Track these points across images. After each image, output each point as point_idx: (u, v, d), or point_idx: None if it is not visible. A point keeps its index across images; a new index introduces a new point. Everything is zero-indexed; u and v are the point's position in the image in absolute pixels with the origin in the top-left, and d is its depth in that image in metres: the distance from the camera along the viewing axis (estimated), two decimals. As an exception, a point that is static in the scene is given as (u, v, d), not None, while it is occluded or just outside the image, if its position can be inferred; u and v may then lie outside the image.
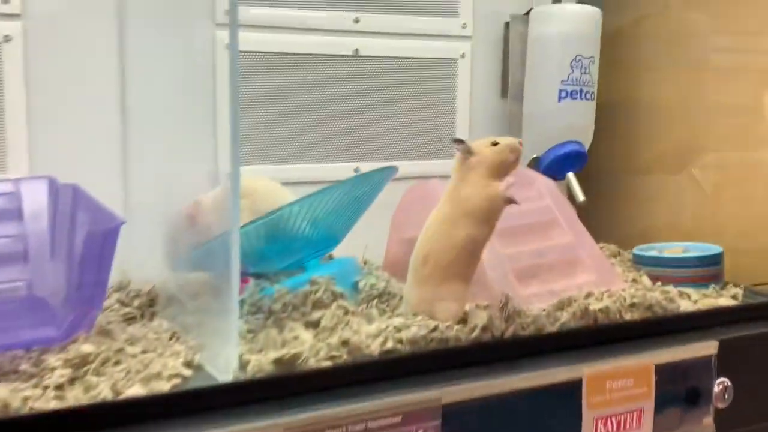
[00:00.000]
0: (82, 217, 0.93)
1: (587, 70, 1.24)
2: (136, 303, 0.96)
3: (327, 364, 0.79)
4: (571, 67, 1.23)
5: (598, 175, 1.45)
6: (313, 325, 0.87)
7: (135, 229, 1.07)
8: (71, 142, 1.06)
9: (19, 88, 1.02)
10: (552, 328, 0.91)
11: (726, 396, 0.95)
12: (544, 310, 0.94)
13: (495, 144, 0.90)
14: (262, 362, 0.76)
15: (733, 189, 1.29)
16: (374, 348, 0.81)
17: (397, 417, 0.75)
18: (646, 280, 1.10)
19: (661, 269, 1.12)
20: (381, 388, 0.77)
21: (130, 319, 0.93)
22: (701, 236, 1.25)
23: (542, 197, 1.08)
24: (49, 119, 1.04)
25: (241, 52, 1.16)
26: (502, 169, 0.90)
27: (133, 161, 1.08)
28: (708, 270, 1.11)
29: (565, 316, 0.93)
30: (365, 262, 1.18)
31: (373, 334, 0.83)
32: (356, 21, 1.22)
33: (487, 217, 0.89)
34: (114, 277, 1.06)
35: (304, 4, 1.19)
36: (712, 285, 1.09)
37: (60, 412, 0.66)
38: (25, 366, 0.74)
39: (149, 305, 0.97)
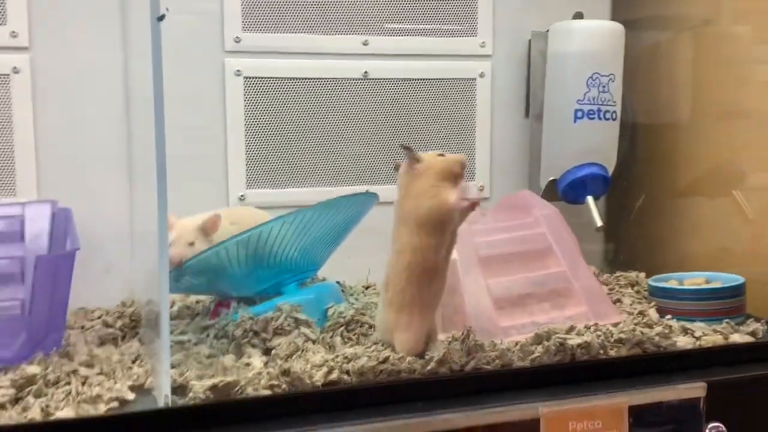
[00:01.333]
0: (69, 242, 0.97)
1: (606, 89, 1.18)
2: (119, 324, 0.99)
3: (265, 393, 0.79)
4: (588, 85, 1.17)
5: (636, 198, 1.37)
6: (271, 352, 0.87)
7: (141, 250, 1.12)
8: (79, 168, 1.11)
9: (27, 117, 1.08)
10: (520, 364, 0.87)
11: (719, 442, 0.88)
12: (516, 344, 0.90)
13: (441, 155, 0.87)
14: (197, 389, 0.77)
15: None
16: (318, 378, 0.81)
17: (325, 451, 0.74)
18: (653, 314, 1.03)
19: (673, 302, 1.05)
20: (316, 420, 0.76)
21: (112, 340, 0.96)
22: (743, 264, 1.16)
23: (538, 224, 1.04)
24: (56, 146, 1.10)
25: (250, 77, 1.18)
26: (450, 177, 0.84)
27: (139, 187, 1.11)
28: (724, 303, 1.03)
29: (538, 351, 0.88)
30: (368, 287, 1.18)
31: (318, 365, 0.82)
32: (365, 44, 1.21)
33: (438, 227, 0.83)
34: (120, 296, 1.11)
35: (312, 29, 1.19)
36: (726, 320, 1.01)
37: (-17, 432, 0.70)
38: (-22, 385, 0.78)
39: (133, 326, 1.00)
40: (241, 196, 1.19)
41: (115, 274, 1.14)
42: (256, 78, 1.18)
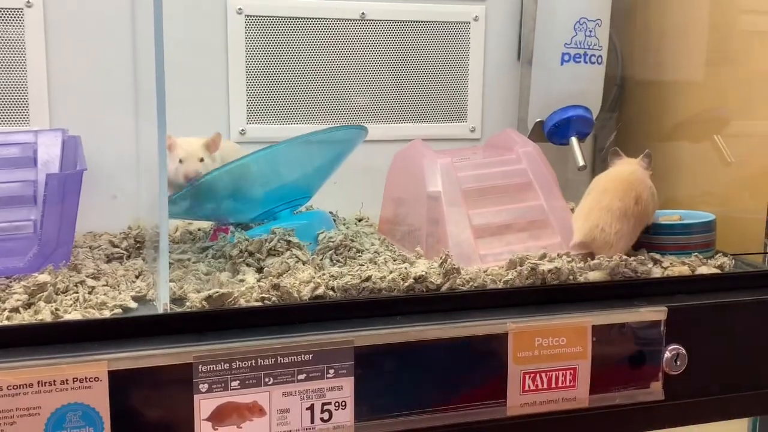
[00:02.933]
0: (78, 165, 1.04)
1: (592, 33, 1.23)
2: (124, 244, 1.07)
3: (256, 304, 0.86)
4: (575, 29, 1.22)
5: (626, 143, 1.43)
6: (263, 270, 0.94)
7: (146, 178, 1.18)
8: (89, 99, 1.17)
9: (40, 50, 1.14)
10: (493, 286, 0.94)
11: (677, 363, 0.95)
12: (485, 271, 0.96)
13: None
14: (194, 299, 0.84)
15: (760, 158, 1.24)
16: (305, 293, 0.88)
17: (308, 355, 0.82)
18: (626, 246, 1.09)
19: (646, 236, 1.11)
20: (301, 330, 0.83)
21: (118, 258, 1.04)
22: (721, 205, 1.22)
23: (519, 160, 1.10)
24: (67, 78, 1.16)
25: (250, 16, 1.23)
26: None
27: (144, 117, 1.17)
28: (693, 238, 1.09)
29: (511, 275, 0.95)
30: (360, 219, 1.24)
31: (306, 281, 0.89)
32: (363, -15, 1.26)
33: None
34: (126, 222, 1.18)
35: (310, -31, 1.24)
36: (695, 253, 1.07)
37: (1, 329, 0.77)
38: (-6, 291, 0.85)
39: (137, 247, 1.07)
40: (242, 130, 1.25)
41: (122, 200, 1.21)
42: (257, 16, 1.23)
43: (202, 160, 1.02)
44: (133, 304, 0.86)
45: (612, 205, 1.02)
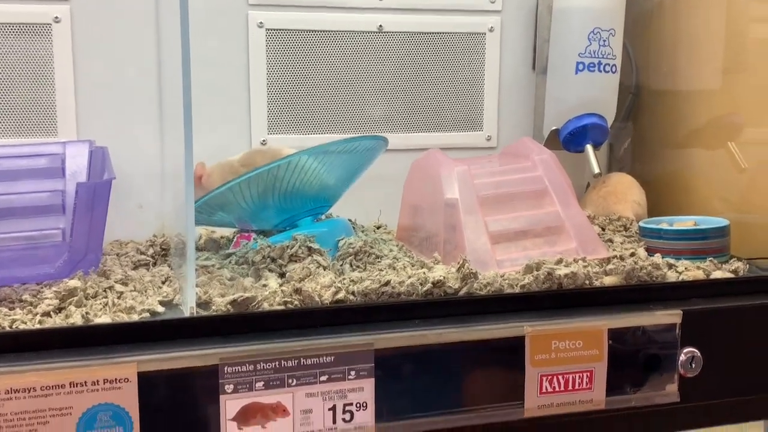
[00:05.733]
0: (106, 174, 1.07)
1: (606, 43, 1.25)
2: (150, 252, 1.10)
3: (279, 308, 0.88)
4: (589, 39, 1.24)
5: (641, 150, 1.45)
6: (285, 275, 0.97)
7: (170, 187, 1.21)
8: (115, 111, 1.21)
9: (68, 64, 1.18)
10: (510, 290, 0.96)
11: (692, 365, 0.96)
12: (502, 275, 0.98)
13: None
14: (219, 303, 0.87)
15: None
16: (326, 297, 0.90)
17: (330, 357, 0.84)
18: (641, 252, 1.11)
19: (661, 241, 1.13)
20: (322, 332, 0.86)
21: (144, 265, 1.07)
22: (735, 211, 1.24)
23: (535, 168, 1.12)
24: (94, 91, 1.20)
25: (271, 29, 1.26)
26: None
27: (169, 129, 1.20)
28: (707, 243, 1.11)
29: (527, 279, 0.97)
30: (378, 227, 1.27)
31: (327, 285, 0.92)
32: (380, -2, 1.29)
33: None
34: (152, 231, 1.21)
35: (329, -17, 1.28)
36: (710, 258, 1.09)
37: (33, 332, 0.80)
38: (26, 296, 0.88)
39: (163, 254, 1.10)
40: (263, 141, 1.28)
41: (147, 210, 1.24)
42: (277, 30, 1.26)
43: None
44: (160, 309, 0.89)
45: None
